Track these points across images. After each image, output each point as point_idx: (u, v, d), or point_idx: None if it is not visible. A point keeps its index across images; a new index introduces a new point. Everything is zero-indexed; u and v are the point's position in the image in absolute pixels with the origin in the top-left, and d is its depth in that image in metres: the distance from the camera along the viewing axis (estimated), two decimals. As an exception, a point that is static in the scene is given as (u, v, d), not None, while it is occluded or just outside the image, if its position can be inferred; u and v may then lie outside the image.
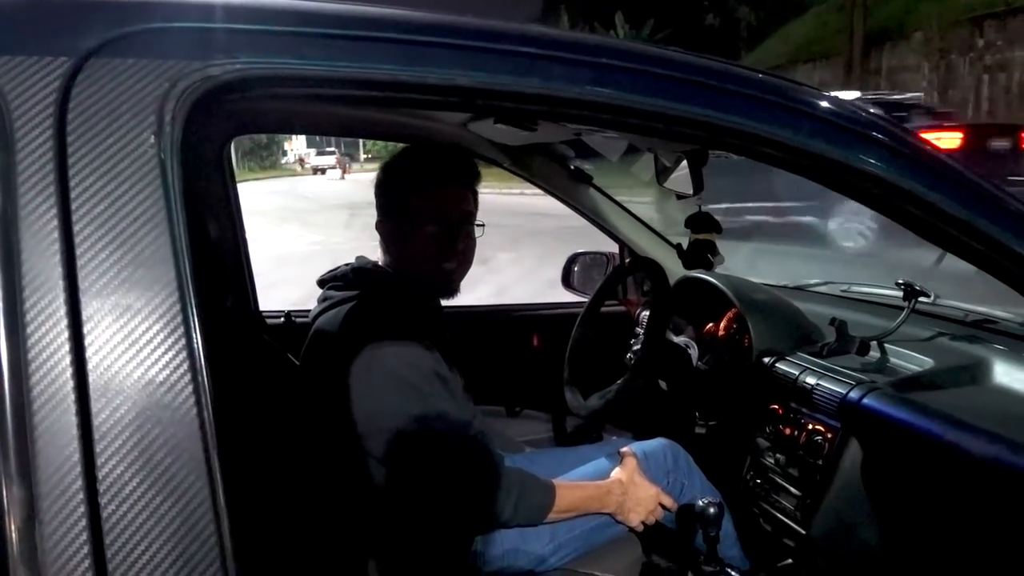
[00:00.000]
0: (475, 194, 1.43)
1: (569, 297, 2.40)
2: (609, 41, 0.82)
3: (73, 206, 0.59)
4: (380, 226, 1.43)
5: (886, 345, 1.52)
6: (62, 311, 0.57)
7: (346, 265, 1.45)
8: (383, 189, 1.41)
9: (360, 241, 1.54)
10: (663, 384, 1.87)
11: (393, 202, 1.39)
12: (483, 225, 1.46)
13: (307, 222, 14.26)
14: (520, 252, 8.22)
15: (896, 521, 1.30)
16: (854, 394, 1.36)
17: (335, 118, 1.82)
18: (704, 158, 1.54)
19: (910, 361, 1.47)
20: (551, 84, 0.75)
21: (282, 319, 2.00)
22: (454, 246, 1.39)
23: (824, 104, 0.86)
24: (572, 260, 2.39)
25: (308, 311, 1.47)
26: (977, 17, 17.62)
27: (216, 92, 0.65)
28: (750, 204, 7.57)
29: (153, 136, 0.62)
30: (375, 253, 1.46)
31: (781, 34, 25.69)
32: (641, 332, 1.92)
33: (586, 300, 2.10)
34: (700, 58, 0.86)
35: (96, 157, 0.61)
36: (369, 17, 0.73)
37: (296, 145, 52.00)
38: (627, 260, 2.14)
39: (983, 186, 0.88)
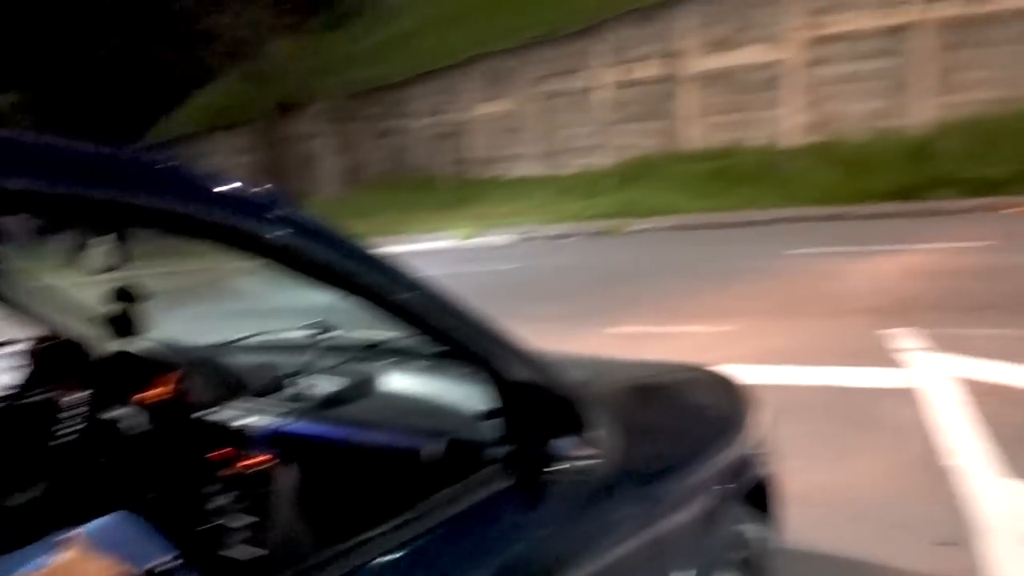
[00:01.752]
0: None
1: None
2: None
3: None
4: None
5: (302, 377, 1.82)
6: None
7: None
8: None
9: None
10: (105, 461, 1.86)
11: None
12: None
13: None
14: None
15: (327, 514, 1.59)
16: (279, 423, 1.61)
17: None
18: (119, 236, 1.61)
19: (322, 386, 1.78)
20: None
21: None
22: None
23: (232, 189, 1.05)
24: None
25: None
26: (361, 91, 20.56)
27: None
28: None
29: None
30: None
31: (195, 103, 25.95)
32: (70, 413, 1.88)
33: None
34: (105, 149, 0.96)
35: None
36: None
37: None
38: (44, 343, 2.05)
39: (358, 248, 1.17)
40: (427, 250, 12.29)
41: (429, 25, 20.80)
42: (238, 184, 1.08)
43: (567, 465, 1.32)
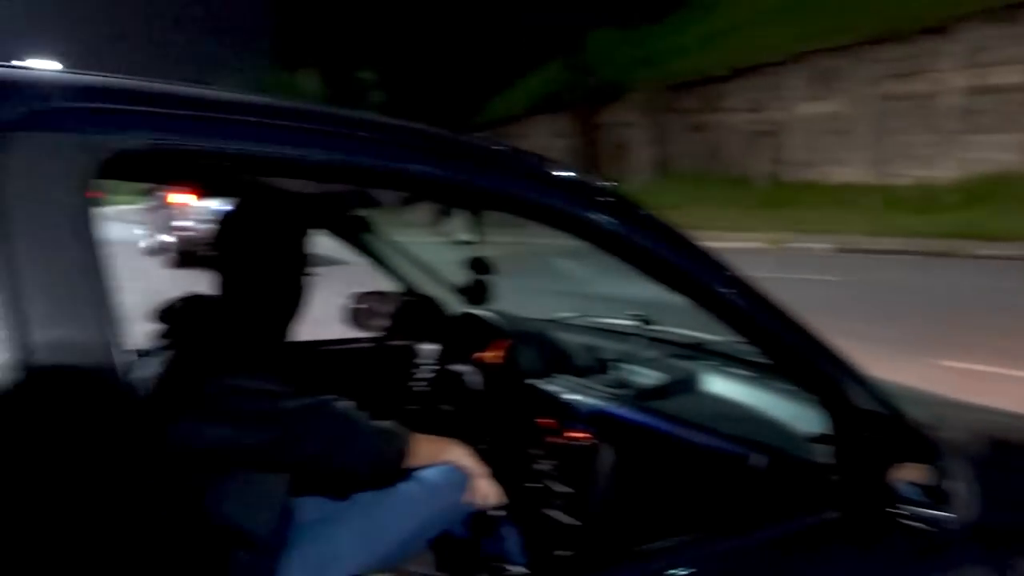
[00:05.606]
0: (309, 240, 1.54)
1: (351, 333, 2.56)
2: (409, 127, 1.05)
3: (14, 251, 0.70)
4: (215, 266, 1.47)
5: (625, 364, 1.90)
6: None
7: (177, 299, 1.46)
8: (220, 233, 1.47)
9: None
10: (447, 407, 2.12)
11: (231, 245, 1.46)
12: (317, 272, 1.54)
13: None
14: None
15: (641, 501, 1.65)
16: (603, 405, 1.70)
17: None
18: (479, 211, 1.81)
19: (644, 376, 1.85)
20: (387, 162, 0.98)
21: None
22: (287, 291, 1.49)
23: (569, 177, 1.14)
24: (356, 298, 2.57)
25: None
26: (678, 84, 20.43)
27: (126, 163, 0.79)
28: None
29: (76, 199, 0.74)
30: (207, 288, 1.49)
31: (519, 87, 27.74)
32: (424, 363, 2.16)
33: (369, 335, 2.30)
34: (458, 138, 1.09)
35: (25, 213, 0.72)
36: (238, 102, 0.91)
37: None
38: (407, 298, 2.37)
39: (682, 236, 1.19)
40: (733, 250, 11.86)
41: (754, 19, 20.07)
42: (570, 170, 1.16)
43: (910, 510, 1.21)
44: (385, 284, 2.54)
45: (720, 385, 1.75)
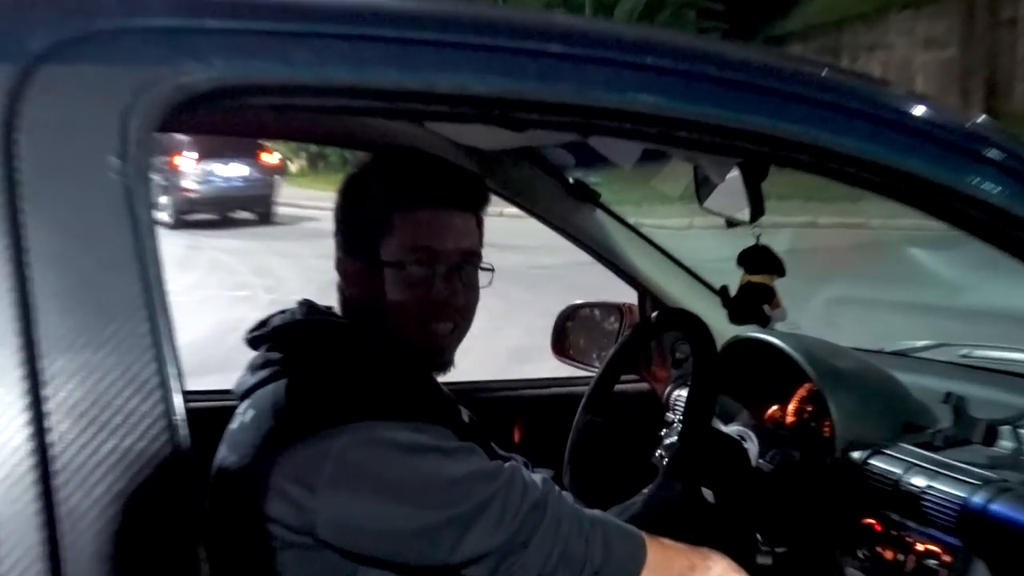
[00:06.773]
0: (480, 224, 1.48)
1: (565, 370, 2.50)
2: (656, 36, 0.97)
3: (27, 244, 0.70)
4: (341, 265, 1.47)
5: (1022, 431, 1.67)
6: (18, 371, 0.68)
7: (283, 313, 1.46)
8: (345, 215, 1.46)
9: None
10: (709, 494, 1.99)
11: (361, 233, 1.43)
12: (492, 270, 1.50)
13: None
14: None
15: None
16: (979, 498, 1.49)
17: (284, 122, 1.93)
18: (764, 170, 1.66)
19: None
20: (588, 92, 0.89)
21: None
22: (449, 298, 1.42)
23: (925, 114, 1.02)
24: (567, 316, 2.49)
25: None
26: None
27: (188, 105, 0.77)
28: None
29: (116, 158, 0.74)
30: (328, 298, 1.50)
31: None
32: (675, 419, 2.04)
33: (590, 373, 2.21)
34: (765, 55, 1.01)
35: (51, 185, 0.72)
36: (367, 10, 0.87)
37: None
38: (652, 315, 2.25)
39: None
40: None
41: None
42: (932, 102, 1.06)
43: None
44: (615, 292, 2.44)
45: None
